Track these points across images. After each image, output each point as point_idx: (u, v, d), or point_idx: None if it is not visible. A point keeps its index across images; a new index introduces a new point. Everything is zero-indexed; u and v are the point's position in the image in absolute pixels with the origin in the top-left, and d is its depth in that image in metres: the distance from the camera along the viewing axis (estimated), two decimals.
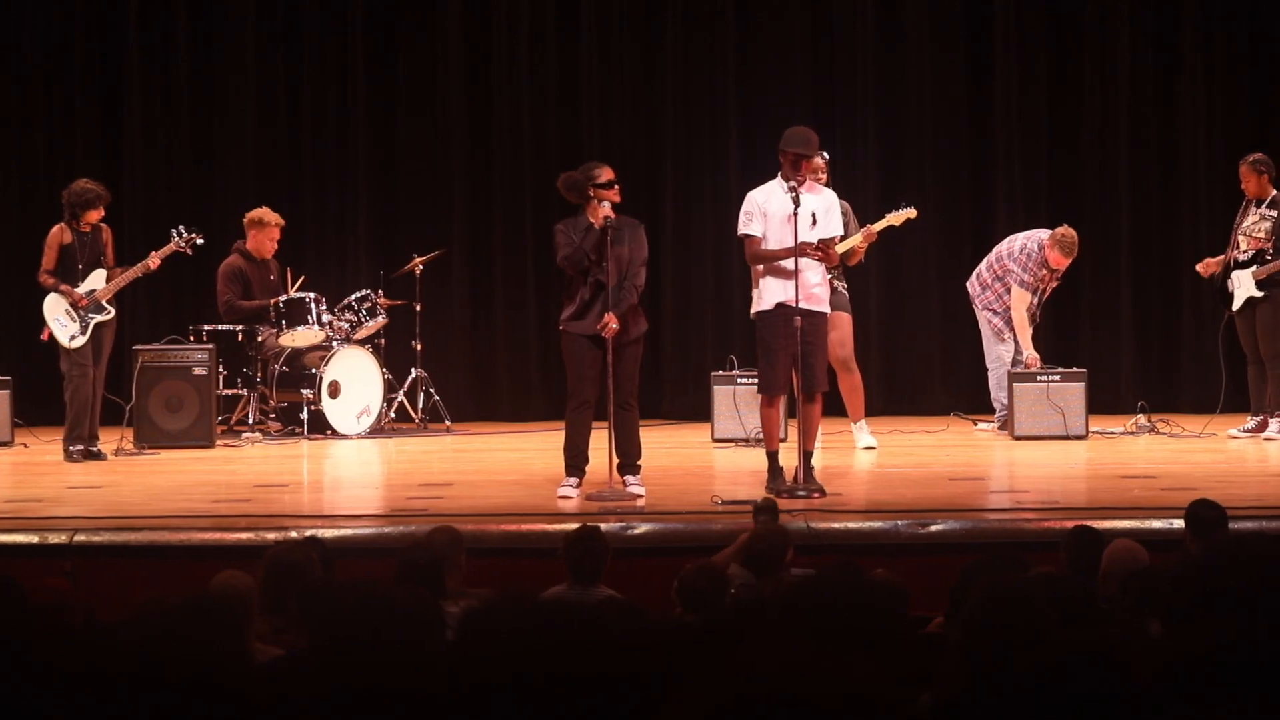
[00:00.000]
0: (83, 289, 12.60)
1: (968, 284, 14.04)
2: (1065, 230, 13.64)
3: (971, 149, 15.71)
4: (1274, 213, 12.97)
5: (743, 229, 10.50)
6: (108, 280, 12.70)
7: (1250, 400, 13.23)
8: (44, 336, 12.67)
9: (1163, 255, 15.67)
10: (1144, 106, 15.69)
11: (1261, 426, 13.04)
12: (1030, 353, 13.52)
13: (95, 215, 12.64)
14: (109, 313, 12.70)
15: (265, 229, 14.30)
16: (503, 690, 2.88)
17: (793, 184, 10.24)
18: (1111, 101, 15.68)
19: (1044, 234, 13.73)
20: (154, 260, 12.91)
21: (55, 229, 12.68)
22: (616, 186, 10.36)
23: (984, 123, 15.75)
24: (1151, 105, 15.70)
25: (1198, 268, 13.45)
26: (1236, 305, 13.09)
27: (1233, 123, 15.60)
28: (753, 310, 10.59)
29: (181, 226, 13.17)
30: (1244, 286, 13.00)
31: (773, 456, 10.41)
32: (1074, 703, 3.41)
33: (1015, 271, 13.60)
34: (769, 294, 10.40)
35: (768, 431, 10.59)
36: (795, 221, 10.16)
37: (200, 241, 13.18)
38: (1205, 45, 15.65)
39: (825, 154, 12.78)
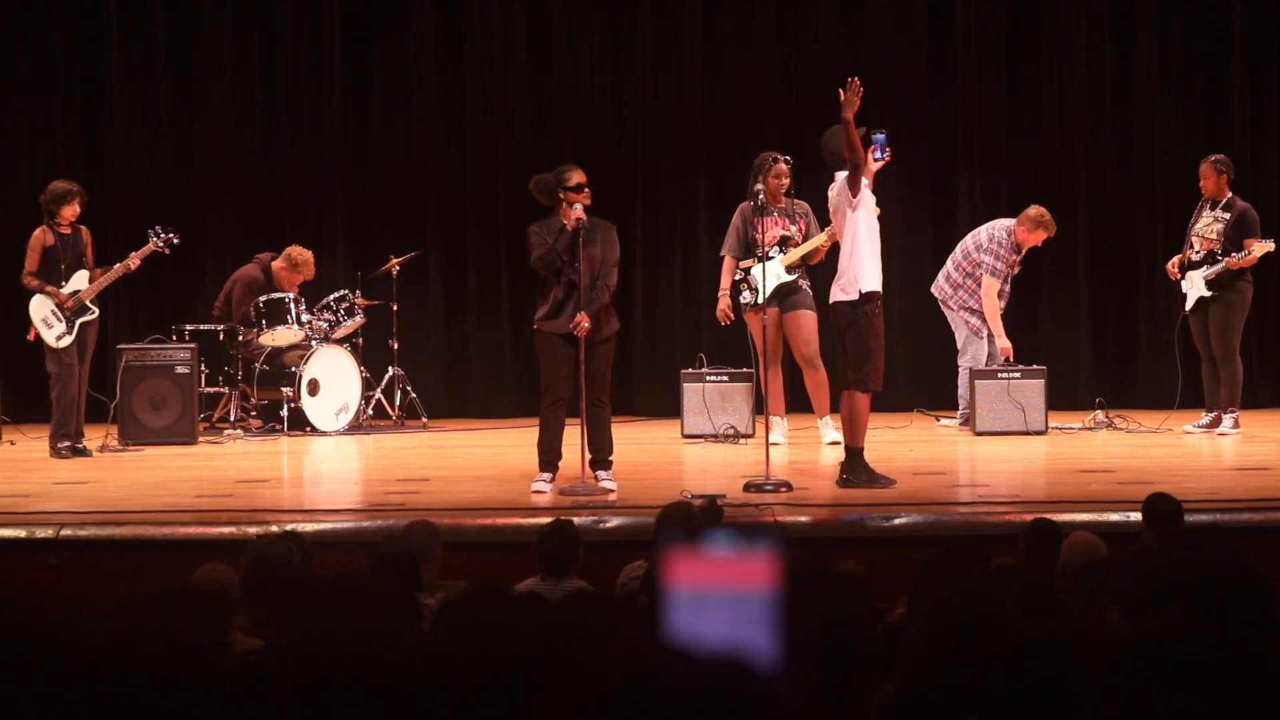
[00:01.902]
0: (67, 290, 12.74)
1: (934, 288, 14.16)
2: (1039, 210, 13.76)
3: (931, 150, 15.84)
4: (1227, 215, 13.17)
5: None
6: (90, 281, 12.89)
7: (1204, 397, 13.44)
8: (30, 336, 12.81)
9: (1119, 254, 15.82)
10: (1101, 107, 15.83)
11: (1215, 423, 13.24)
12: (1004, 342, 13.70)
13: (70, 211, 12.75)
14: (93, 313, 12.86)
15: (299, 272, 14.45)
16: (473, 678, 2.99)
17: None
18: (1068, 104, 15.81)
19: (1006, 222, 13.88)
20: (134, 261, 13.09)
21: (37, 231, 12.81)
22: (587, 189, 10.46)
23: (944, 124, 15.87)
24: (1108, 105, 15.84)
25: (1168, 267, 13.63)
26: (1189, 305, 13.29)
27: (1187, 122, 15.76)
28: (852, 294, 10.40)
29: (158, 227, 13.35)
30: (1196, 287, 13.20)
31: (861, 451, 10.49)
32: (1031, 692, 3.52)
33: (987, 261, 13.74)
34: (873, 277, 10.41)
35: (864, 428, 10.55)
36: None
37: (176, 241, 13.35)
38: (1161, 44, 15.80)
39: (789, 158, 13.01)
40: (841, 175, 10.46)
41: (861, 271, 10.34)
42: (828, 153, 10.64)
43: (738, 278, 13.04)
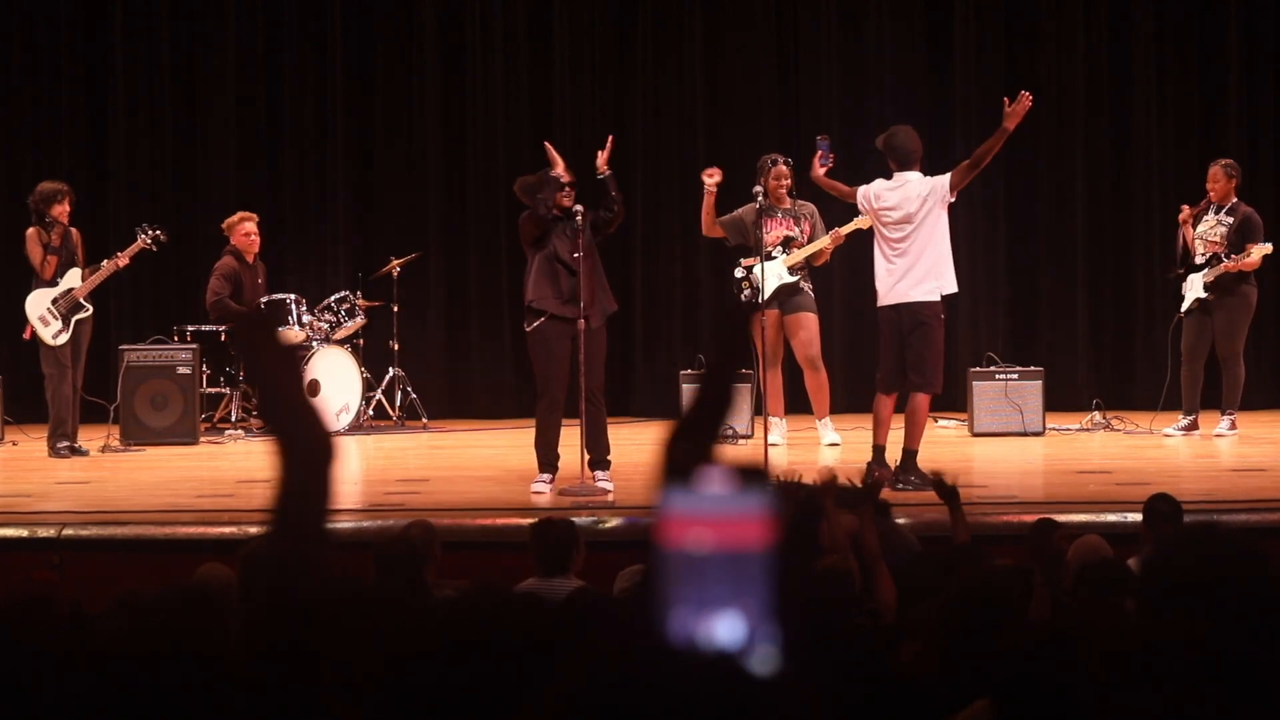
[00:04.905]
0: (61, 288, 12.83)
1: None
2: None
3: (931, 157, 15.89)
4: (1230, 219, 13.15)
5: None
6: (82, 279, 12.94)
7: (1182, 400, 13.39)
8: (26, 335, 12.88)
9: (1117, 255, 15.87)
10: (1098, 109, 15.86)
11: (1193, 426, 13.25)
12: None
13: (59, 210, 12.81)
14: (88, 310, 12.93)
15: (240, 224, 14.46)
16: (469, 678, 3.01)
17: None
18: (1065, 106, 15.85)
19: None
20: (122, 259, 13.12)
21: (30, 231, 12.87)
22: (567, 188, 10.68)
23: (944, 130, 15.91)
24: (1105, 108, 15.88)
25: (1182, 219, 13.54)
26: (1185, 306, 13.32)
27: (1183, 123, 15.79)
28: (934, 295, 10.49)
29: (146, 224, 13.41)
30: (1194, 289, 13.22)
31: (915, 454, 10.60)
32: (1039, 686, 3.57)
33: None
34: (954, 279, 10.56)
35: (924, 429, 10.73)
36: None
37: (164, 239, 13.40)
38: (1157, 45, 15.83)
39: (790, 159, 13.04)
40: (908, 174, 10.61)
41: (946, 272, 10.51)
42: (891, 148, 10.69)
43: (739, 274, 13.05)
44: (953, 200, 10.57)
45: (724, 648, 1.87)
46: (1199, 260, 13.19)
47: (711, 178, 12.29)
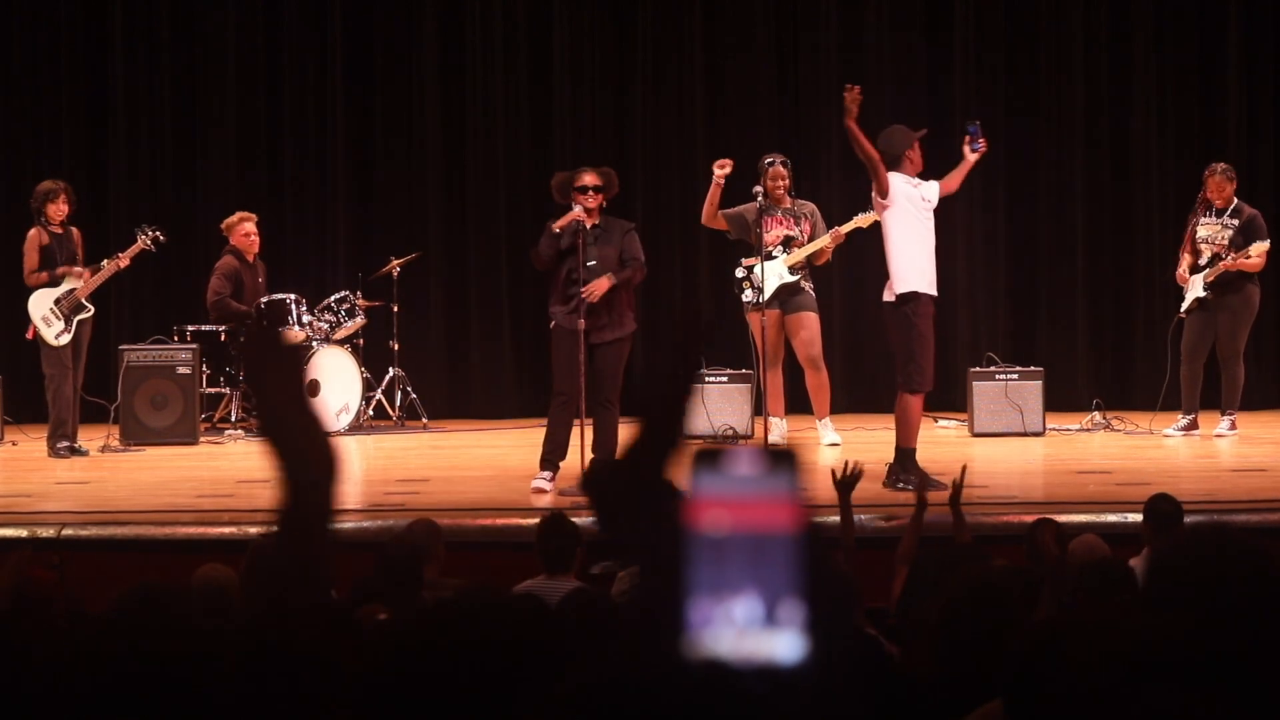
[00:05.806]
0: (63, 288, 12.84)
1: None
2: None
3: (932, 155, 15.89)
4: (1235, 220, 13.10)
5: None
6: (84, 280, 12.96)
7: (1182, 400, 13.36)
8: (29, 335, 12.89)
9: (1117, 255, 15.87)
10: (1098, 109, 15.86)
11: (1192, 426, 13.23)
12: None
13: (57, 209, 12.83)
14: (89, 310, 12.94)
15: (240, 224, 14.47)
16: (463, 678, 3.01)
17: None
18: (1065, 106, 15.84)
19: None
20: (123, 260, 13.14)
21: (32, 232, 12.89)
22: (591, 192, 10.67)
23: (943, 131, 15.93)
24: (1105, 108, 15.87)
25: (1178, 276, 13.55)
26: (1185, 306, 13.30)
27: (1183, 123, 15.79)
28: (892, 295, 10.48)
29: (145, 225, 13.43)
30: (1195, 288, 13.21)
31: (913, 453, 10.58)
32: (1049, 686, 3.65)
33: None
34: (911, 278, 10.44)
35: (916, 428, 10.71)
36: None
37: (163, 239, 13.42)
38: (1157, 45, 15.83)
39: (786, 159, 13.05)
40: (892, 175, 10.50)
41: (898, 272, 10.44)
42: (880, 152, 10.69)
43: (740, 274, 13.07)
44: (885, 203, 10.45)
45: (735, 646, 1.86)
46: (1202, 262, 13.17)
47: (723, 169, 12.23)
